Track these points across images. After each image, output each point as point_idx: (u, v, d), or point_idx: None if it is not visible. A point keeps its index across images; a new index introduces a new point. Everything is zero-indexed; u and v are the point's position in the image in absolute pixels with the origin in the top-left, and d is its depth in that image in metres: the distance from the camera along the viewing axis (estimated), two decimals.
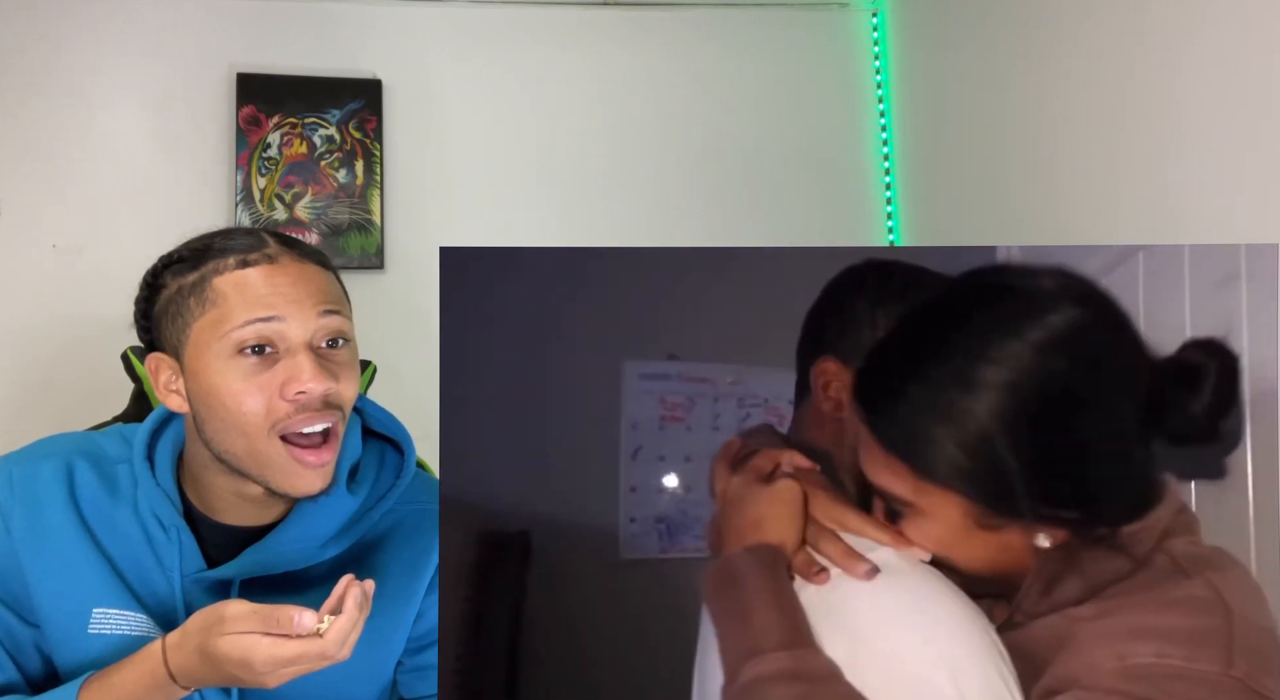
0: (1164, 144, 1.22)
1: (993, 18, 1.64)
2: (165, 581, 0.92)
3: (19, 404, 1.71)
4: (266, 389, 0.84)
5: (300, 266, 0.88)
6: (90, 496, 0.93)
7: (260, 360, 0.85)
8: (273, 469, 0.87)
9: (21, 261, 1.75)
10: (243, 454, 0.87)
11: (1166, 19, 1.21)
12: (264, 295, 0.85)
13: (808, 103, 2.03)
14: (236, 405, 0.85)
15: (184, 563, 0.92)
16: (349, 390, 0.88)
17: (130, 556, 0.92)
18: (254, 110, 1.84)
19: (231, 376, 0.85)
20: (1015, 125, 1.58)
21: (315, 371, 0.84)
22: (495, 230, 1.91)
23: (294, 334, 0.85)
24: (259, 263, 0.87)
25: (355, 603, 0.78)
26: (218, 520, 0.94)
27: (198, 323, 0.87)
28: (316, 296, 0.87)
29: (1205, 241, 1.10)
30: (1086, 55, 1.38)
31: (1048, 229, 1.47)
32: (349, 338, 0.90)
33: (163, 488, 0.92)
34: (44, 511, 0.91)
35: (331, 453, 0.87)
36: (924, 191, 1.92)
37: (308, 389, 0.84)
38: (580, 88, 1.98)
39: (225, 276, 0.86)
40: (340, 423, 0.88)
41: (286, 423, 0.85)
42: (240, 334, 0.84)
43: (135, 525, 0.93)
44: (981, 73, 1.68)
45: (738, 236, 1.95)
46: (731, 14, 2.03)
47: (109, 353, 1.53)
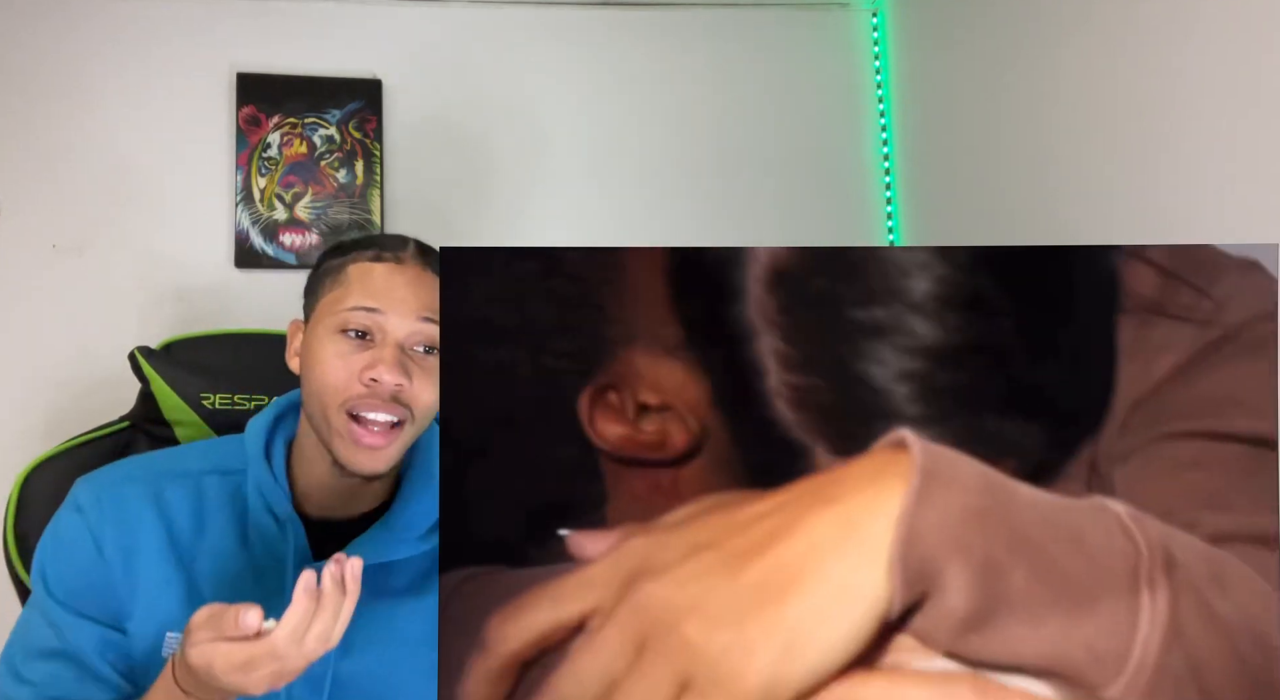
0: (1165, 143, 1.22)
1: (993, 18, 1.65)
2: (273, 578, 0.94)
3: (19, 404, 1.71)
4: (351, 368, 0.92)
5: (421, 273, 0.96)
6: (179, 519, 0.96)
7: (357, 343, 0.93)
8: (338, 440, 0.93)
9: (21, 261, 1.75)
10: (319, 419, 0.95)
11: (1167, 19, 1.21)
12: (378, 288, 0.94)
13: (807, 102, 2.03)
14: (323, 374, 0.93)
15: (296, 555, 0.95)
16: (425, 393, 0.94)
17: (218, 573, 0.94)
18: (254, 110, 1.84)
19: (329, 350, 0.93)
20: (1016, 125, 1.58)
21: (393, 364, 0.91)
22: (495, 230, 1.91)
23: (391, 329, 0.93)
24: (388, 261, 0.96)
25: (304, 591, 0.75)
26: (314, 515, 0.99)
27: (325, 297, 0.97)
28: (421, 304, 0.94)
29: (1205, 242, 1.10)
30: (1087, 55, 1.38)
31: (1048, 229, 1.47)
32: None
33: (280, 482, 0.97)
34: (134, 534, 0.94)
35: (388, 441, 0.93)
36: (924, 191, 1.92)
37: (380, 377, 0.91)
38: (579, 87, 1.98)
39: (358, 265, 0.96)
40: (409, 421, 0.94)
41: (356, 402, 0.92)
42: (347, 315, 0.94)
43: (231, 533, 0.96)
44: (982, 72, 1.68)
45: (737, 236, 1.95)
46: (730, 14, 2.03)
47: (109, 353, 1.54)
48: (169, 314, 1.78)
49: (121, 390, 1.27)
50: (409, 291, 0.94)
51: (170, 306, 1.78)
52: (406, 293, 0.94)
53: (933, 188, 1.89)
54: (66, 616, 0.92)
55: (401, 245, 0.98)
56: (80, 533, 0.94)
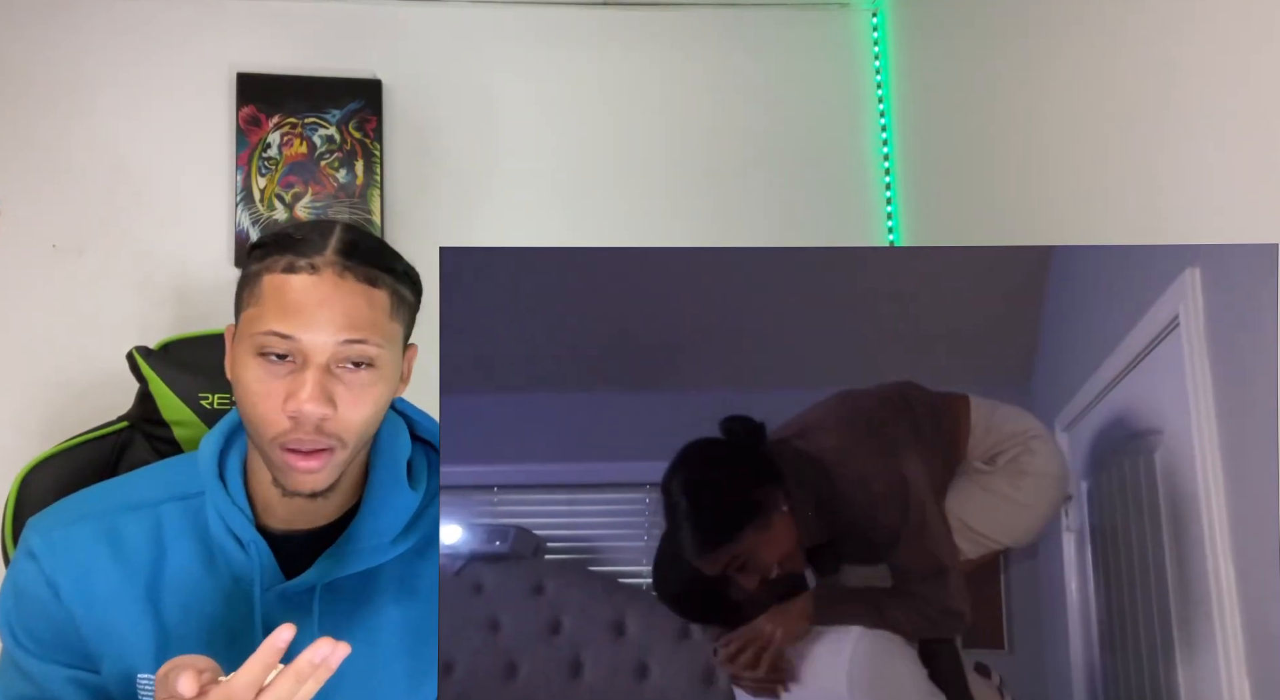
0: (1164, 143, 1.22)
1: (993, 17, 1.64)
2: (241, 602, 0.93)
3: (18, 404, 1.71)
4: (274, 396, 0.87)
5: (338, 284, 0.87)
6: (137, 554, 0.93)
7: (277, 368, 0.87)
8: (275, 468, 0.90)
9: (21, 261, 1.75)
10: (256, 445, 0.91)
11: (1166, 18, 1.21)
12: (292, 308, 0.86)
13: (808, 102, 2.03)
14: (251, 405, 0.88)
15: (263, 577, 0.93)
16: (353, 414, 0.88)
17: (184, 604, 0.93)
18: (254, 110, 1.84)
19: (252, 374, 0.88)
20: (1016, 125, 1.57)
21: (313, 393, 0.85)
22: (495, 230, 1.91)
23: (312, 353, 0.86)
24: (302, 271, 0.87)
25: (272, 651, 0.72)
26: (278, 529, 0.96)
27: (244, 313, 0.90)
28: (341, 322, 0.87)
29: (1205, 242, 1.10)
30: (1087, 55, 1.38)
31: (1048, 229, 1.47)
32: (373, 362, 0.89)
33: (237, 505, 0.94)
34: (90, 577, 0.92)
35: (322, 463, 0.88)
36: (924, 191, 1.91)
37: (301, 409, 0.85)
38: (579, 87, 1.97)
39: (272, 276, 0.88)
40: (339, 450, 0.89)
41: (284, 437, 0.87)
42: (263, 339, 0.87)
43: (195, 560, 0.94)
44: (982, 72, 1.68)
45: (737, 236, 1.95)
46: (731, 14, 2.03)
47: (109, 353, 1.53)
48: (169, 314, 1.78)
49: (120, 390, 1.27)
50: (326, 311, 0.86)
51: (170, 306, 1.78)
52: (324, 313, 0.86)
53: (933, 188, 1.89)
54: (38, 664, 0.91)
55: (318, 247, 0.88)
56: (36, 581, 0.91)
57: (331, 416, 0.87)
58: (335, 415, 0.87)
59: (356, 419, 0.89)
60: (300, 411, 0.85)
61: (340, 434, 0.88)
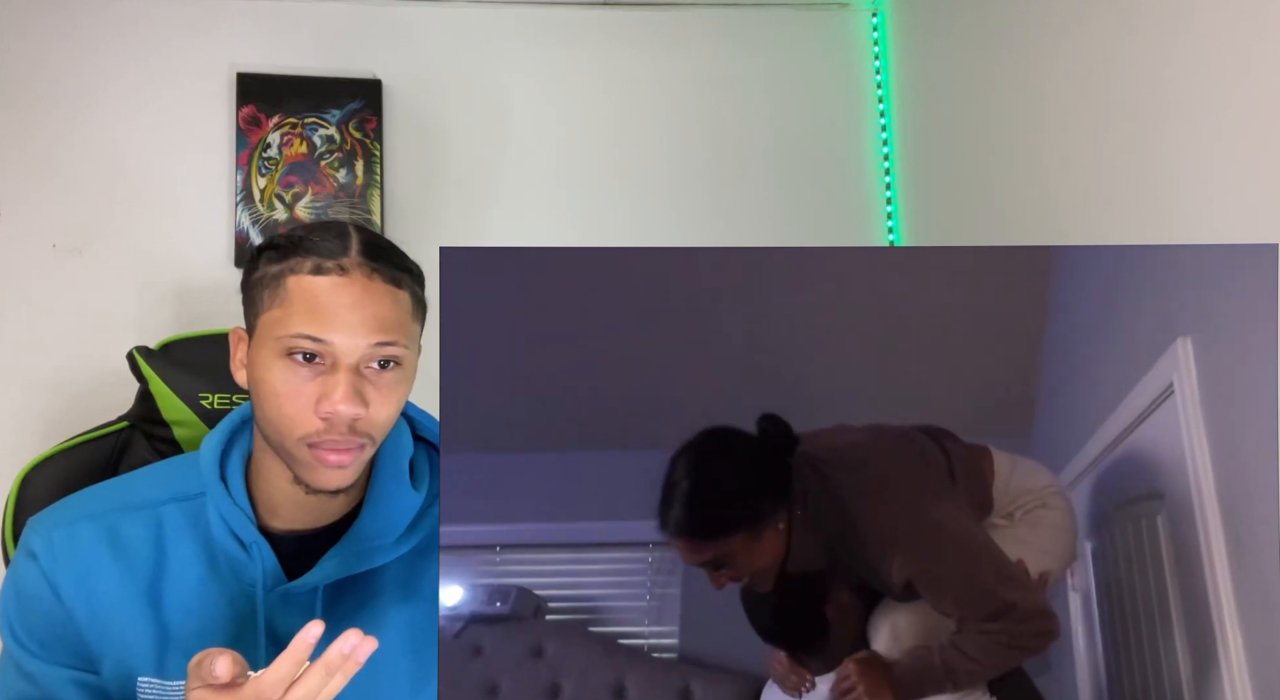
0: (1164, 143, 1.22)
1: (992, 18, 1.64)
2: (243, 603, 0.93)
3: (18, 404, 1.71)
4: (304, 397, 0.87)
5: (368, 286, 0.88)
6: (138, 555, 0.93)
7: (307, 368, 0.87)
8: (300, 466, 0.90)
9: (21, 261, 1.75)
10: (277, 446, 0.91)
11: (1165, 19, 1.21)
12: (323, 311, 0.87)
13: (808, 103, 2.03)
14: (277, 406, 0.88)
15: (266, 578, 0.93)
16: (382, 413, 0.90)
17: (186, 606, 0.93)
18: (254, 110, 1.84)
19: (278, 376, 0.87)
20: (1015, 125, 1.57)
21: (347, 394, 0.86)
22: (495, 230, 1.91)
23: (342, 354, 0.87)
24: (330, 272, 0.88)
25: (305, 644, 0.73)
26: (280, 529, 0.96)
27: (266, 314, 0.89)
28: (373, 325, 0.88)
29: (1205, 242, 1.10)
30: (1087, 55, 1.38)
31: (1048, 229, 1.47)
32: (400, 362, 0.91)
33: (239, 505, 0.94)
34: (91, 577, 0.92)
35: (351, 457, 0.89)
36: (924, 191, 1.91)
37: (335, 410, 0.86)
38: (579, 88, 1.97)
39: (298, 278, 0.88)
40: (369, 446, 0.91)
41: (314, 437, 0.88)
42: (292, 341, 0.87)
43: (196, 562, 0.94)
44: (982, 72, 1.68)
45: (737, 236, 1.95)
46: (731, 14, 2.03)
47: (109, 353, 1.53)
48: (169, 314, 1.78)
49: (120, 390, 1.27)
50: (357, 314, 0.87)
51: (170, 306, 1.78)
52: (354, 316, 0.87)
53: (933, 188, 1.89)
54: (38, 665, 0.92)
55: (342, 249, 0.89)
56: (37, 581, 0.91)
57: (364, 416, 0.88)
58: (367, 414, 0.88)
59: (384, 417, 0.90)
60: (335, 412, 0.86)
61: (370, 432, 0.90)
